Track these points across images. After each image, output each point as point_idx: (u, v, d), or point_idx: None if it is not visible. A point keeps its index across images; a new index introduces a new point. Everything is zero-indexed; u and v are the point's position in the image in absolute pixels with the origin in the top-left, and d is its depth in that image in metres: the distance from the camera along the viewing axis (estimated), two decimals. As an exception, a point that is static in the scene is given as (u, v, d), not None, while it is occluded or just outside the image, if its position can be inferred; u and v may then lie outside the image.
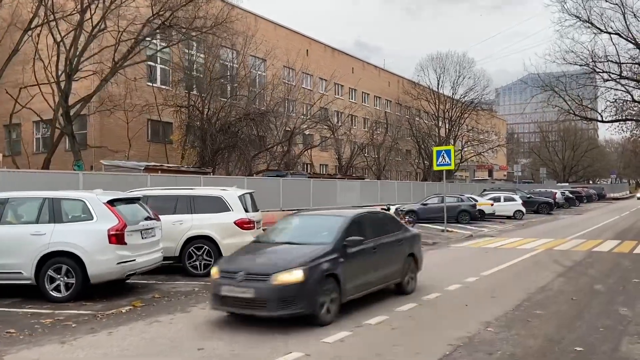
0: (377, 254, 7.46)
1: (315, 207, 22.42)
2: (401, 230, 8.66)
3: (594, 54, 19.48)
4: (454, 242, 16.87)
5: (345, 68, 52.52)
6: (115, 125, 29.93)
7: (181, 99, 30.12)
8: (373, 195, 27.86)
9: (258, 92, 33.36)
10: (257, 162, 32.36)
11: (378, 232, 7.83)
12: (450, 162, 19.93)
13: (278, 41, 41.31)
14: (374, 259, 7.36)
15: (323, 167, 47.50)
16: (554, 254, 13.43)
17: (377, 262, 7.45)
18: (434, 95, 57.85)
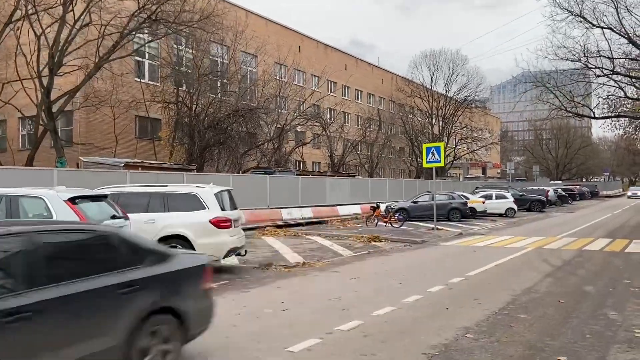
0: (47, 320, 3.67)
1: (305, 204, 22.04)
2: (146, 264, 4.53)
3: (586, 49, 19.15)
4: (443, 241, 16.50)
5: (338, 65, 52.07)
6: (102, 121, 29.45)
7: (169, 95, 29.63)
8: (364, 193, 27.50)
9: (247, 88, 32.86)
10: (247, 159, 31.91)
11: (69, 272, 3.97)
12: (440, 159, 19.55)
13: (269, 37, 40.83)
14: (40, 331, 3.60)
15: (316, 164, 47.10)
16: (544, 253, 13.09)
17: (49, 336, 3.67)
18: (427, 93, 57.57)
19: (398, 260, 12.02)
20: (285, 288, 8.53)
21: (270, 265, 10.84)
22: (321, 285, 8.78)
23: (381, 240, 16.27)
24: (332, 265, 11.33)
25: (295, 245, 15.00)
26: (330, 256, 12.80)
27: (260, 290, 8.35)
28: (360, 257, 12.62)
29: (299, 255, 12.78)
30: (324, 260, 12.06)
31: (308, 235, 17.77)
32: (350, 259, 12.41)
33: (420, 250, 14.25)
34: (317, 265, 11.27)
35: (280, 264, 11.18)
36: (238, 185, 18.94)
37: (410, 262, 11.81)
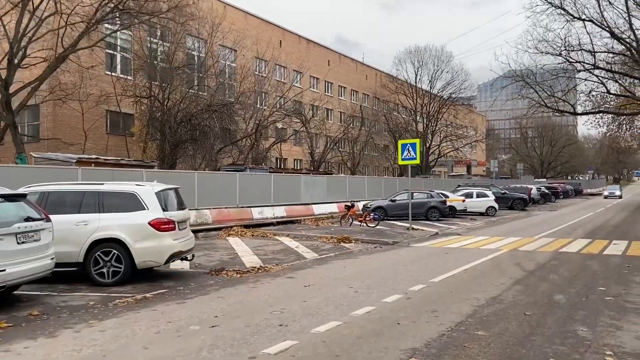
0: None
1: (277, 203, 21.20)
2: None
3: (567, 43, 18.48)
4: (417, 241, 15.77)
5: (321, 60, 51.25)
6: (71, 116, 28.37)
7: (141, 89, 28.57)
8: (341, 191, 26.72)
9: (221, 83, 31.89)
10: (223, 156, 30.99)
11: None
12: (415, 156, 18.82)
13: (249, 30, 39.90)
14: None
15: (297, 162, 46.26)
16: (518, 255, 12.39)
17: None
18: (411, 89, 56.95)
19: (363, 264, 11.24)
20: (228, 298, 7.69)
21: (221, 271, 9.99)
22: (269, 294, 7.96)
23: (351, 241, 15.50)
24: (291, 269, 10.51)
25: (258, 247, 14.16)
26: (292, 259, 11.99)
27: (198, 301, 7.51)
28: (323, 261, 11.82)
29: (258, 259, 11.94)
30: (284, 264, 11.24)
31: (277, 235, 16.95)
32: (313, 262, 11.60)
33: (390, 252, 13.49)
34: (273, 270, 10.44)
35: (233, 268, 10.33)
36: (204, 183, 18.07)
37: (375, 265, 11.03)
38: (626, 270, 10.16)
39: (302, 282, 9.00)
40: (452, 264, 10.97)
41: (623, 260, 11.55)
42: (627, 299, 7.55)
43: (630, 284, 8.72)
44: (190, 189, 17.61)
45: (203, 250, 13.32)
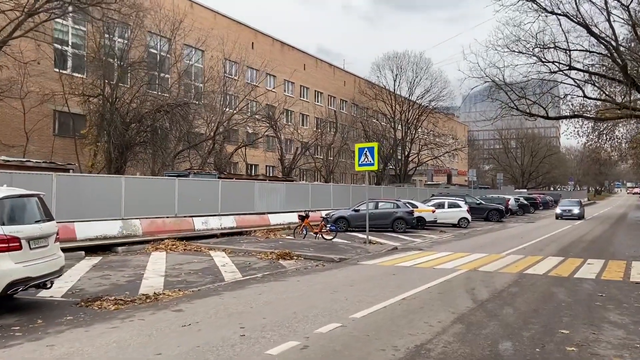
0: None
1: (225, 212, 19.17)
2: None
3: (539, 40, 16.77)
4: (368, 258, 13.88)
5: (296, 64, 49.46)
6: (12, 115, 26.11)
7: (89, 87, 26.40)
8: (302, 200, 24.75)
9: (175, 81, 29.79)
10: (182, 160, 28.90)
11: None
12: (373, 161, 16.95)
13: (216, 30, 37.98)
14: None
15: (270, 168, 44.30)
16: (475, 278, 10.54)
17: None
18: (390, 96, 55.42)
19: (286, 290, 9.29)
20: (60, 347, 5.67)
21: (96, 301, 7.95)
22: (120, 340, 5.95)
23: (292, 257, 13.55)
24: (190, 298, 8.53)
25: (177, 265, 12.14)
26: (206, 282, 10.00)
27: (14, 352, 5.48)
28: (241, 284, 9.84)
29: (164, 281, 9.95)
30: (190, 288, 9.25)
31: (212, 250, 14.93)
32: (227, 286, 9.62)
33: (329, 272, 11.56)
34: (169, 298, 8.45)
35: (118, 296, 8.31)
36: (135, 190, 16.02)
37: (298, 292, 9.10)
38: (599, 302, 8.33)
39: (186, 318, 7.01)
40: (392, 290, 9.07)
41: (596, 287, 9.75)
42: (595, 350, 5.69)
43: (602, 324, 6.87)
44: (116, 196, 15.54)
45: (105, 269, 11.28)
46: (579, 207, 34.47)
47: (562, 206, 35.35)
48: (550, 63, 17.64)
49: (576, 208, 34.17)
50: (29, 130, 25.79)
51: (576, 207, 34.39)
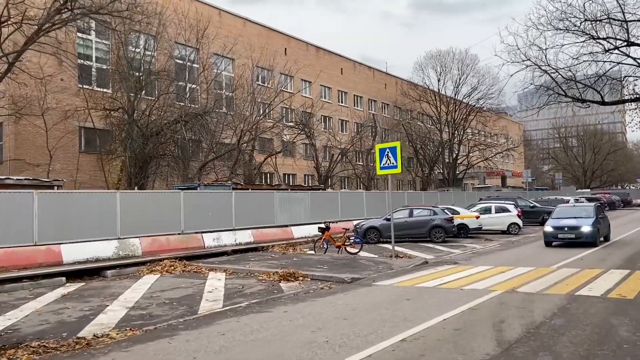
0: None
1: (241, 226, 17.57)
2: None
3: (587, 13, 14.12)
4: (388, 277, 11.79)
5: (333, 68, 47.76)
6: (36, 134, 25.74)
7: (111, 101, 25.76)
8: (331, 210, 22.81)
9: (192, 90, 28.69)
10: (206, 172, 27.70)
11: None
12: (396, 163, 14.87)
13: (246, 37, 36.90)
14: None
15: (308, 177, 42.64)
16: (509, 304, 8.28)
17: None
18: (434, 96, 52.66)
19: (258, 328, 7.41)
20: None
21: (10, 349, 6.39)
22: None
23: (297, 277, 11.68)
24: (134, 341, 6.83)
25: (157, 292, 10.53)
26: (173, 316, 8.31)
27: None
28: (210, 319, 8.05)
29: (121, 316, 8.33)
30: (147, 326, 7.57)
31: (212, 270, 13.28)
32: (191, 322, 7.86)
33: (332, 297, 9.59)
34: (108, 341, 6.79)
35: (43, 342, 6.74)
36: (133, 206, 14.68)
37: (274, 330, 7.22)
38: (679, 344, 5.93)
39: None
40: (393, 326, 7.01)
41: (675, 316, 7.25)
42: None
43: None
44: (111, 213, 14.23)
45: (72, 300, 9.81)
46: (592, 221, 17.05)
47: (557, 218, 17.88)
48: (603, 40, 14.94)
49: (585, 222, 16.99)
50: (52, 147, 25.33)
51: (585, 219, 17.17)
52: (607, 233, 18.51)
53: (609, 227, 19.11)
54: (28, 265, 12.00)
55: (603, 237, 17.83)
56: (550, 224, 17.60)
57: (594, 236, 16.59)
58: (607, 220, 19.21)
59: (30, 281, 11.18)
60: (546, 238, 17.44)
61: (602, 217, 18.28)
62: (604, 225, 18.06)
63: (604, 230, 18.12)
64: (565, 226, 17.07)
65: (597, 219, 17.32)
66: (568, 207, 19.77)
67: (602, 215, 18.37)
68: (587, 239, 16.45)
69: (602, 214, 18.64)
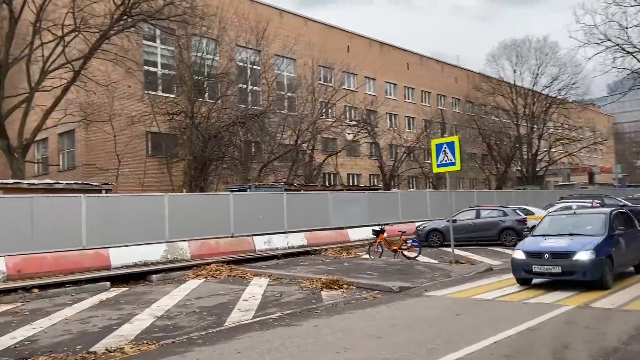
0: None
1: (293, 229, 17.02)
2: None
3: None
4: (443, 286, 10.65)
5: (397, 64, 46.27)
6: (105, 140, 26.67)
7: (172, 105, 26.21)
8: (390, 211, 21.70)
9: (250, 90, 28.55)
10: (265, 174, 27.48)
11: None
12: (454, 160, 13.58)
13: (307, 37, 36.49)
14: None
15: (373, 177, 41.53)
16: (579, 323, 6.96)
17: None
18: (510, 89, 49.60)
19: (279, 346, 6.64)
20: None
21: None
22: None
23: (342, 286, 10.83)
24: (144, 357, 6.34)
25: (192, 299, 10.10)
26: (198, 327, 7.78)
27: None
28: (233, 333, 7.41)
29: (144, 327, 7.90)
30: (164, 340, 7.08)
31: (258, 275, 12.74)
32: (212, 336, 7.26)
33: (373, 309, 8.66)
34: (119, 356, 6.35)
35: (52, 355, 6.40)
36: (183, 209, 14.55)
37: (293, 350, 6.45)
38: None
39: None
40: (431, 348, 5.99)
41: None
42: None
43: None
44: (159, 216, 14.12)
45: (106, 307, 9.58)
46: (597, 242, 9.74)
47: (539, 235, 10.75)
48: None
49: (584, 243, 9.74)
50: (120, 152, 26.11)
51: (585, 239, 9.91)
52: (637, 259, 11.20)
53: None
54: (76, 270, 12.06)
55: (633, 266, 11.17)
56: (524, 246, 10.37)
57: (599, 270, 9.23)
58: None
59: (74, 286, 11.16)
60: (516, 272, 10.18)
61: (624, 235, 10.41)
62: (628, 249, 10.52)
63: (629, 256, 10.73)
64: (547, 251, 9.68)
65: (610, 237, 9.89)
66: (565, 216, 11.94)
67: (622, 231, 10.31)
68: (584, 275, 9.23)
69: (625, 229, 10.58)
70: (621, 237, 10.26)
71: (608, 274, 9.45)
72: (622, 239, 10.26)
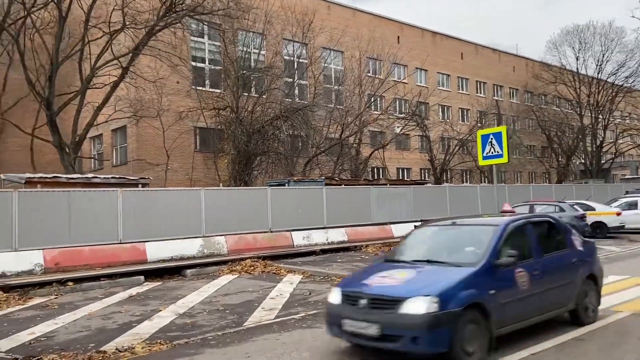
0: None
1: (333, 224, 16.60)
2: None
3: None
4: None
5: (451, 54, 44.65)
6: (155, 135, 27.19)
7: (218, 100, 26.36)
8: (436, 206, 20.73)
9: (294, 83, 28.17)
10: (310, 168, 27.16)
11: None
12: (502, 152, 12.62)
13: (355, 28, 35.80)
14: None
15: (425, 171, 40.36)
16: (634, 332, 6.13)
17: None
18: (572, 77, 46.82)
19: (292, 350, 6.24)
20: None
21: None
22: None
23: (376, 285, 10.26)
24: (152, 358, 6.09)
25: (220, 296, 9.86)
26: (216, 327, 7.49)
27: None
28: (250, 334, 7.05)
29: (163, 325, 7.70)
30: (179, 340, 6.84)
31: (292, 272, 12.38)
32: (227, 336, 6.94)
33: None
34: (127, 356, 6.14)
35: (61, 353, 6.28)
36: (220, 203, 14.44)
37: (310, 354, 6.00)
38: None
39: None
40: None
41: None
42: None
43: None
44: (196, 211, 14.05)
45: (133, 302, 9.49)
46: (459, 279, 5.46)
47: (374, 272, 6.27)
48: None
49: (426, 284, 5.43)
50: (169, 147, 26.52)
51: (438, 275, 5.69)
52: (567, 302, 6.63)
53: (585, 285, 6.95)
54: (112, 264, 12.14)
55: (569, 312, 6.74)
56: (344, 285, 6.34)
57: (444, 334, 5.03)
58: (574, 272, 6.79)
59: (108, 280, 11.22)
60: (327, 326, 6.05)
61: (530, 264, 6.19)
62: (536, 287, 6.07)
63: (538, 301, 6.14)
64: (365, 294, 5.57)
65: (489, 270, 5.71)
66: (438, 228, 7.22)
67: (514, 258, 5.89)
68: (415, 343, 5.07)
69: (538, 253, 6.48)
70: (520, 268, 5.89)
71: (468, 342, 5.14)
72: (520, 272, 5.86)
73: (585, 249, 7.24)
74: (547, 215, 7.83)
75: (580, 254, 7.06)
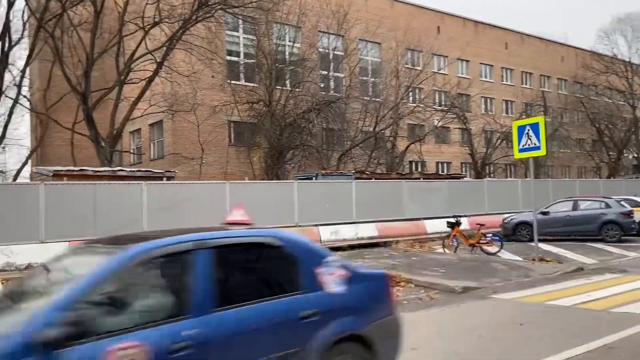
0: None
1: (362, 219, 16.19)
2: None
3: None
4: (518, 287, 9.25)
5: (495, 44, 43.09)
6: (190, 129, 27.43)
7: (251, 93, 26.30)
8: (474, 201, 19.93)
9: (345, 77, 27.71)
10: (344, 161, 26.73)
11: None
12: (539, 144, 11.84)
13: (393, 19, 35.01)
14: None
15: (465, 165, 39.18)
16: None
17: None
18: (625, 67, 44.36)
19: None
20: None
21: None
22: None
23: (400, 282, 9.89)
24: None
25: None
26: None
27: None
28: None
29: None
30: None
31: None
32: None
33: (423, 312, 7.60)
34: None
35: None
36: (244, 197, 14.16)
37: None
38: None
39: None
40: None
41: None
42: None
43: None
44: (221, 203, 13.91)
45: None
46: None
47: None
48: None
49: None
50: (204, 141, 26.67)
51: None
52: None
53: None
54: (136, 256, 12.14)
55: None
56: None
57: None
58: (303, 334, 3.86)
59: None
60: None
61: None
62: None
63: None
64: None
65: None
66: None
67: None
68: None
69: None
70: (132, 341, 3.11)
71: None
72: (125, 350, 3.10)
73: (351, 290, 4.23)
74: (260, 233, 4.59)
75: (331, 299, 4.09)
